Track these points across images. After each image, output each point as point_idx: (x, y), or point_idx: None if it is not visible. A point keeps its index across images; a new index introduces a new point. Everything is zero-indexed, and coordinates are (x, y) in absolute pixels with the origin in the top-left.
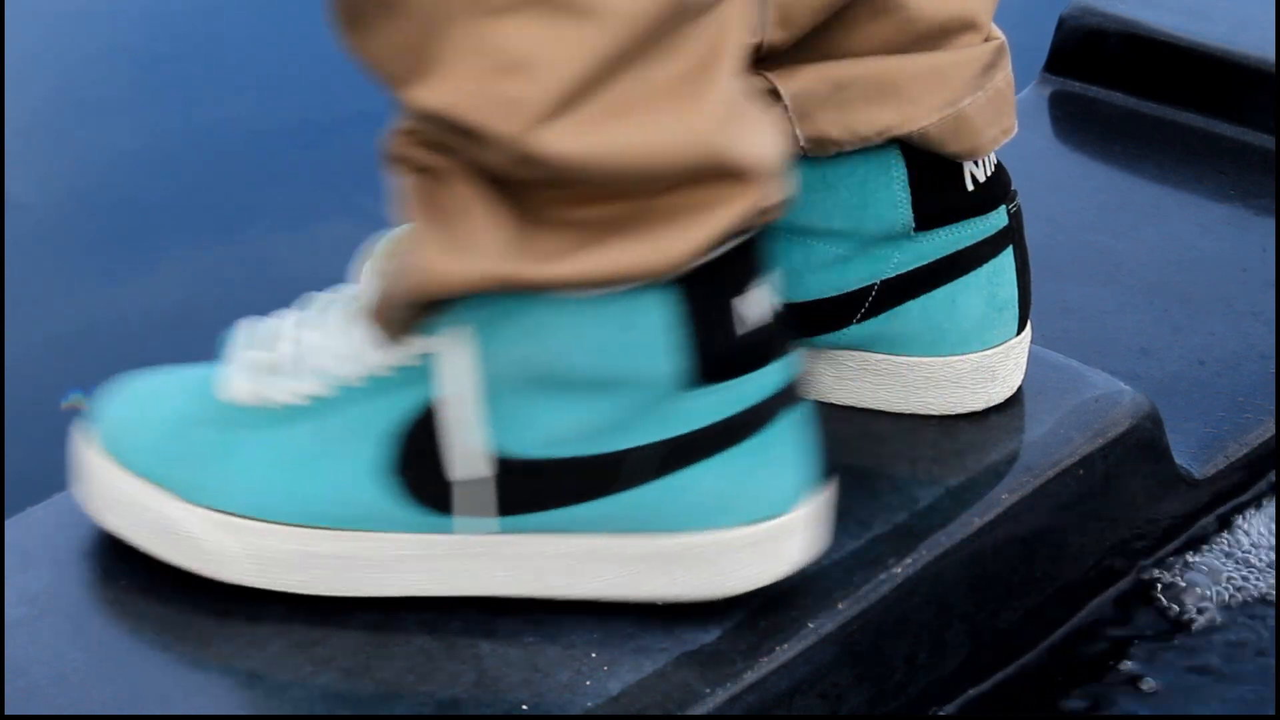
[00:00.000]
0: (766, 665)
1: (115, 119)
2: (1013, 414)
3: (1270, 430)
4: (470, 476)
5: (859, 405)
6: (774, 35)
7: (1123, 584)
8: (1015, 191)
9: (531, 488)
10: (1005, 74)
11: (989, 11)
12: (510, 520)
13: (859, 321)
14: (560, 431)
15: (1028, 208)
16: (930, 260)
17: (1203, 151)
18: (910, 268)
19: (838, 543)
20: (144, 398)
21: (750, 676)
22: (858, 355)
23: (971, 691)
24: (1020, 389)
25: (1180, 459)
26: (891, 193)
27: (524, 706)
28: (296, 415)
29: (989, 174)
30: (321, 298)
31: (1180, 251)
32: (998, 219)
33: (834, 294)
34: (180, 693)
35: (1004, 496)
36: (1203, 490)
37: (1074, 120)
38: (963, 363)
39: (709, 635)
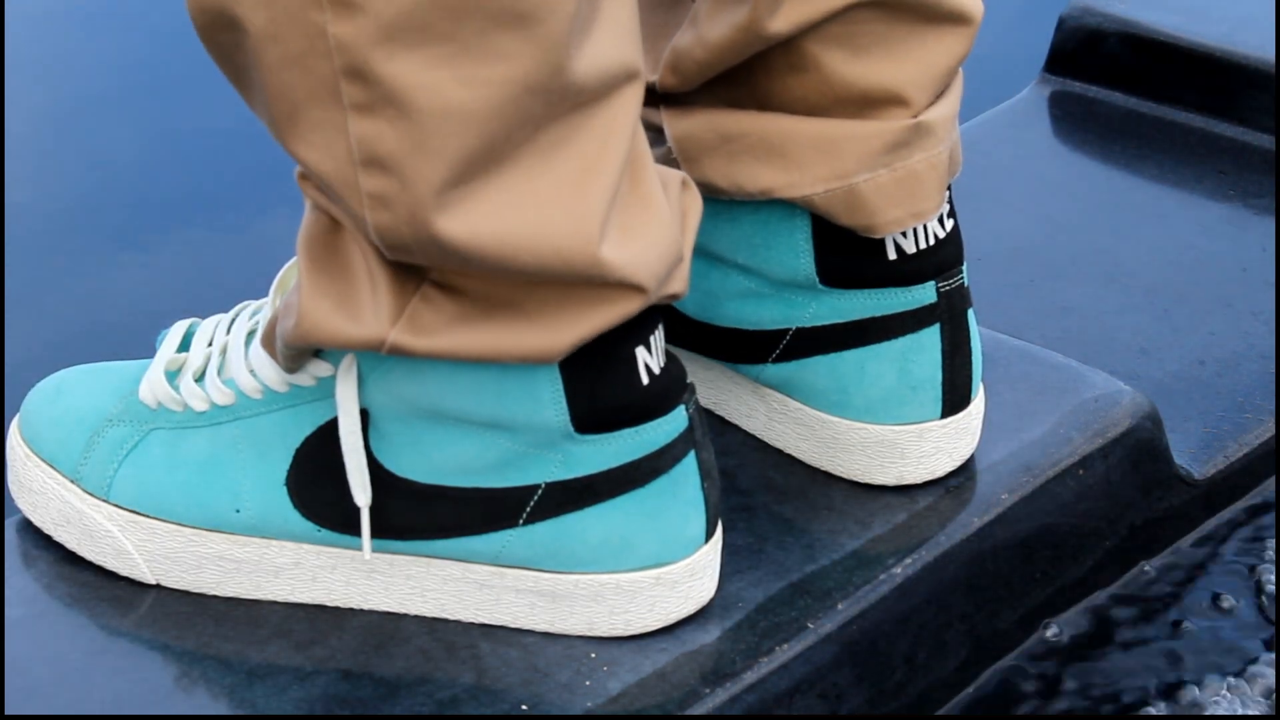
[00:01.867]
0: (766, 665)
1: (116, 119)
2: (1013, 414)
3: (1270, 430)
4: (358, 497)
5: (784, 449)
6: (667, 79)
7: (1123, 584)
8: (959, 273)
9: (420, 513)
10: (929, 155)
11: (924, 89)
12: (401, 544)
13: (774, 362)
14: (450, 463)
15: (1027, 207)
16: (842, 320)
17: (1203, 151)
18: (823, 322)
19: (838, 543)
20: (70, 389)
21: (750, 676)
22: (779, 397)
23: (971, 691)
24: (1019, 389)
25: (1180, 459)
26: (794, 241)
27: (524, 706)
28: (202, 421)
29: (923, 246)
30: (251, 305)
31: (1180, 251)
32: (922, 295)
33: (750, 328)
34: (180, 693)
35: (1004, 496)
36: (1202, 490)
37: (1074, 120)
38: (866, 432)
39: (709, 635)
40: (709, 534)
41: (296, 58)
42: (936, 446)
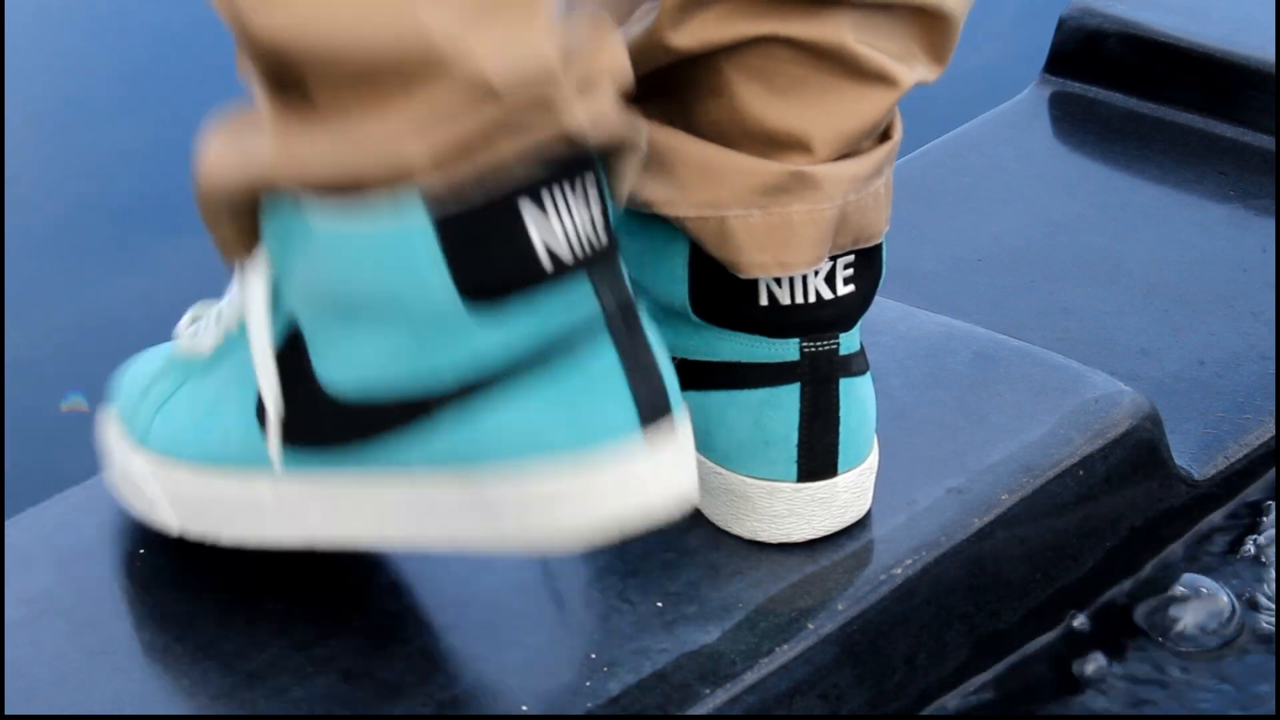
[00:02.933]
0: (766, 666)
1: (116, 118)
2: (1013, 414)
3: (1270, 430)
4: (274, 409)
5: (701, 478)
6: None
7: (1123, 584)
8: (835, 339)
9: (338, 422)
10: (810, 209)
11: (831, 142)
12: (320, 455)
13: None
14: (358, 361)
15: (1028, 208)
16: (713, 358)
17: (1203, 151)
18: (699, 357)
19: (837, 543)
20: (143, 358)
21: (750, 677)
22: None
23: (971, 692)
24: (1019, 389)
25: (1180, 459)
26: (671, 265)
27: (524, 706)
28: (208, 363)
29: (798, 301)
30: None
31: (1180, 251)
32: (784, 350)
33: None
34: (180, 693)
35: (1004, 497)
36: (1202, 490)
37: (1074, 120)
38: (722, 477)
39: (709, 636)
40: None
41: None
42: (790, 509)
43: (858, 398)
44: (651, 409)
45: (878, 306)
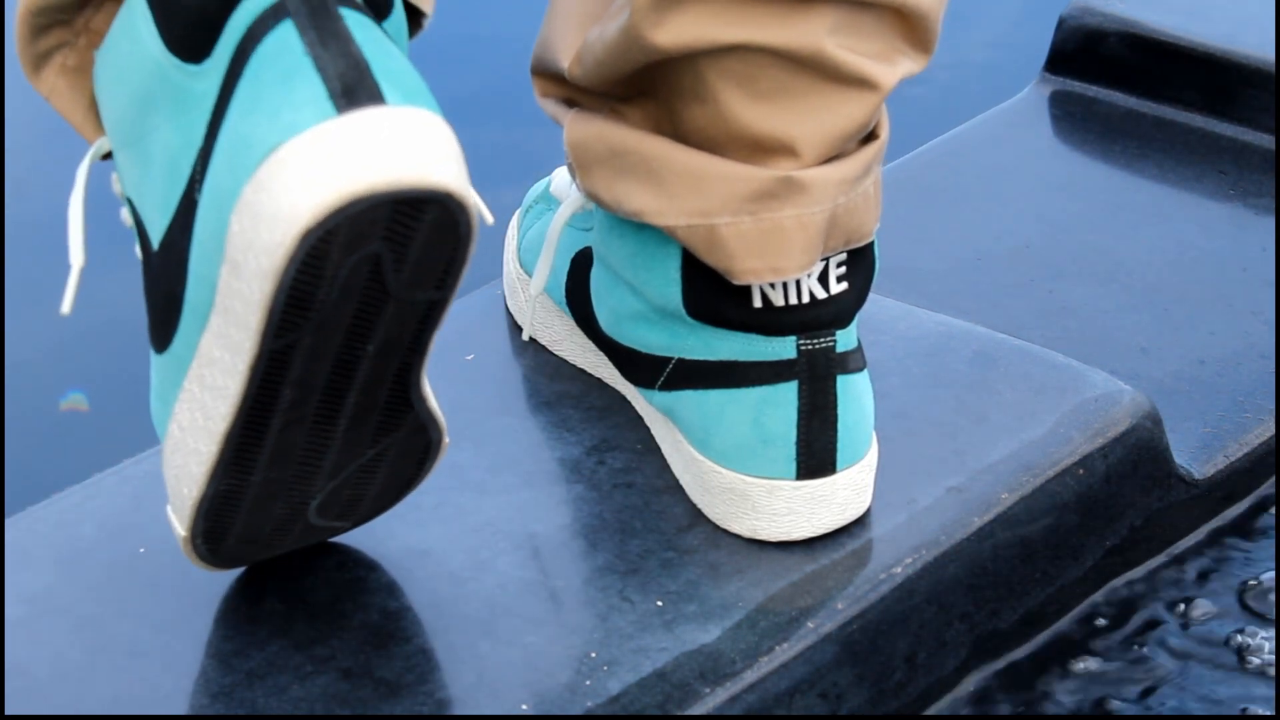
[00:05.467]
0: (766, 665)
1: None
2: (1013, 413)
3: (1270, 430)
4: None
5: (680, 483)
6: (573, 67)
7: (1123, 584)
8: (831, 335)
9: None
10: (800, 214)
11: (817, 146)
12: None
13: (660, 389)
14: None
15: (1028, 207)
16: (712, 358)
17: (1203, 151)
18: (697, 356)
19: (837, 542)
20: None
21: (750, 676)
22: (669, 425)
23: (971, 691)
24: (1019, 389)
25: (1180, 459)
26: (665, 267)
27: (524, 706)
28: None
29: (791, 302)
30: None
31: (1180, 251)
32: (781, 348)
33: (643, 350)
34: (180, 693)
35: (1004, 496)
36: (1202, 490)
37: (1074, 120)
38: (722, 476)
39: (709, 635)
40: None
41: None
42: (789, 507)
43: (855, 394)
44: (344, 84)
45: (878, 306)
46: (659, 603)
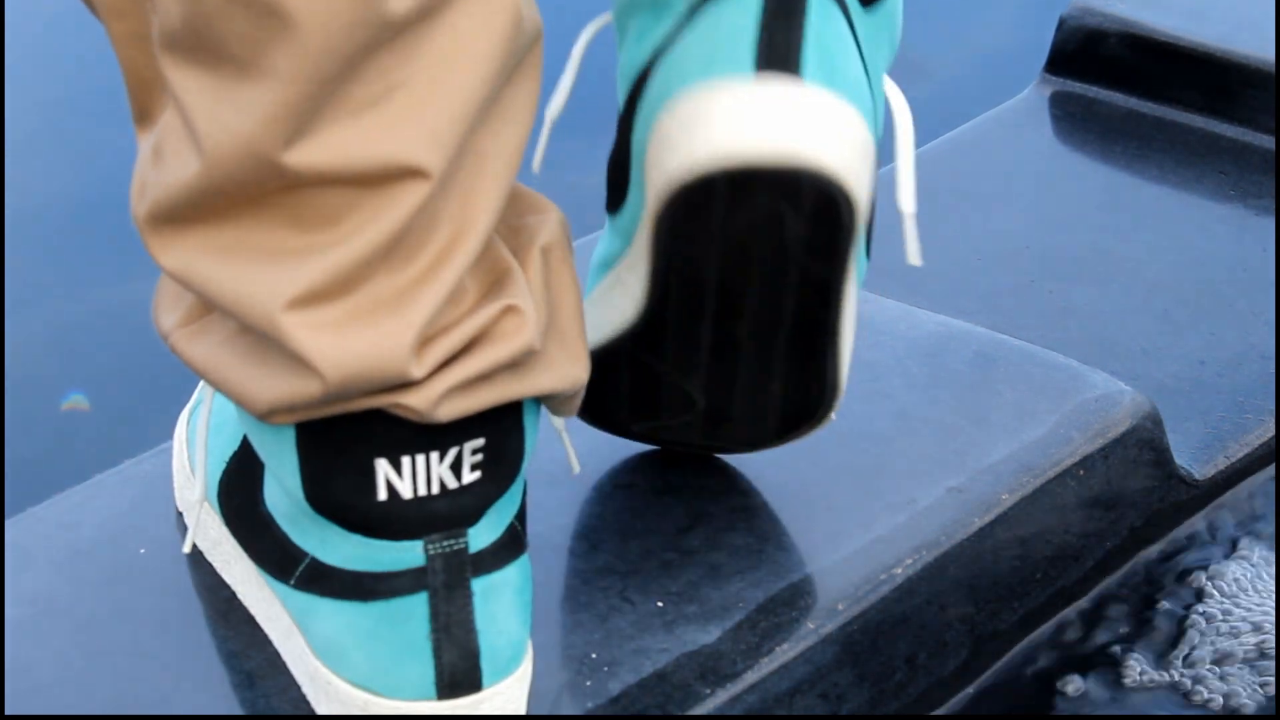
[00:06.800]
0: (766, 665)
1: (117, 118)
2: (1013, 414)
3: (1270, 430)
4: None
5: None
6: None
7: (1123, 584)
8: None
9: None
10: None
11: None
12: None
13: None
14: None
15: (1028, 208)
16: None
17: (1203, 151)
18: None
19: (838, 543)
20: None
21: (750, 677)
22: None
23: (971, 692)
24: (1019, 389)
25: (1180, 459)
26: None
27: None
28: None
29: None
30: None
31: (1180, 251)
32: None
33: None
34: (180, 693)
35: (1004, 496)
36: (1203, 490)
37: (1074, 120)
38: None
39: (709, 635)
40: (441, 690)
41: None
42: None
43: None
44: (457, 679)
45: (878, 306)
46: (659, 603)
